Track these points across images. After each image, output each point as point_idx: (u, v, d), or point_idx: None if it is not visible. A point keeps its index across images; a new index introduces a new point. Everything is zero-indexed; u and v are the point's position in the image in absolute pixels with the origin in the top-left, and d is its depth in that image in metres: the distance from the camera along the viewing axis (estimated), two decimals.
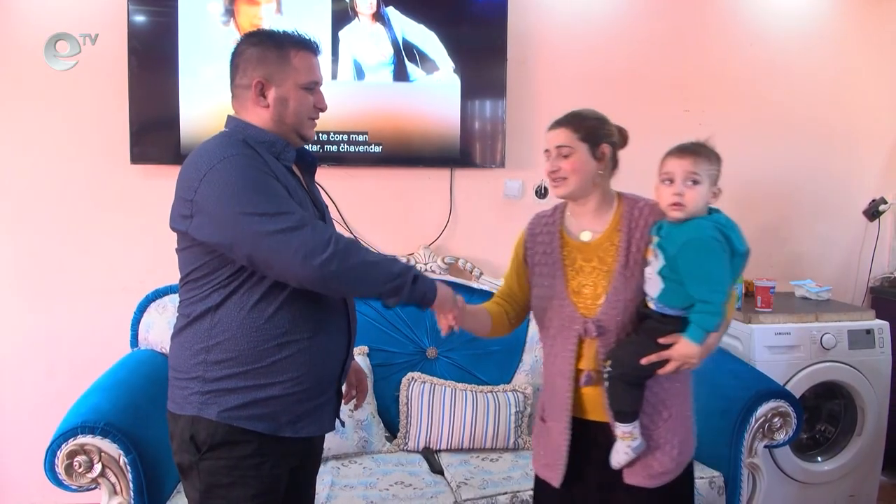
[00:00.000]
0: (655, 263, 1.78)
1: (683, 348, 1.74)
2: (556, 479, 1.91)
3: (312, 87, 1.80)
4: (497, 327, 2.02)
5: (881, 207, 3.70)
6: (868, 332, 3.14)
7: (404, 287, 1.68)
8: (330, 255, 1.58)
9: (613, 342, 1.83)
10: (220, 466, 1.67)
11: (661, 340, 1.77)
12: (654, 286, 1.78)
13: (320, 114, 1.85)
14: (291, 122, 1.78)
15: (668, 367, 1.78)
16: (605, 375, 1.81)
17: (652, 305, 1.80)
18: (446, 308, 1.81)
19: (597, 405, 1.87)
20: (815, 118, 3.68)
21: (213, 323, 1.68)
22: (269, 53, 1.75)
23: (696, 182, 1.76)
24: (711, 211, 1.83)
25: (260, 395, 1.67)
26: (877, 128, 3.77)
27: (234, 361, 1.67)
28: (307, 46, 1.80)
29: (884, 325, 3.17)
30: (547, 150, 1.90)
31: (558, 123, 1.91)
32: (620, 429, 1.82)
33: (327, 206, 1.94)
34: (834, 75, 3.68)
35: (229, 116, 1.81)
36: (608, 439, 1.86)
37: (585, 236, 1.91)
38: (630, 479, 1.86)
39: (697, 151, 1.79)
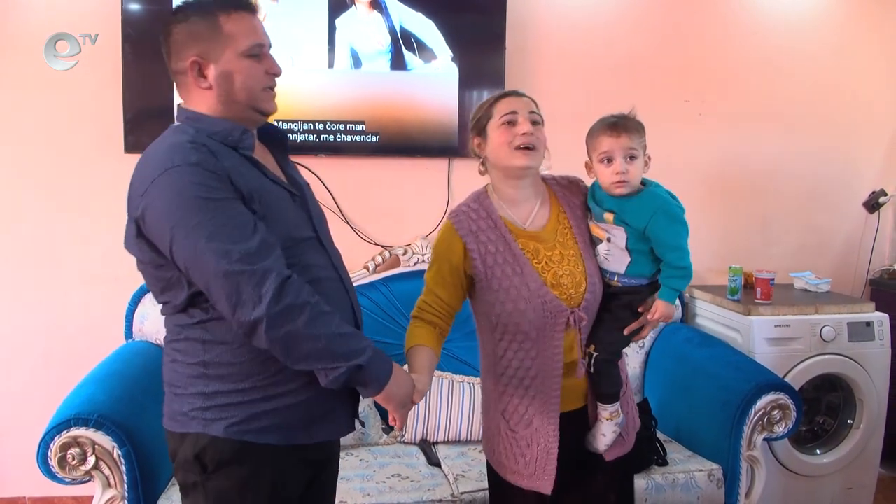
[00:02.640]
0: (618, 238, 1.82)
1: (667, 309, 1.83)
2: (548, 486, 1.82)
3: (257, 51, 1.56)
4: (437, 354, 1.83)
5: (881, 199, 3.69)
6: (868, 324, 3.12)
7: (340, 376, 1.47)
8: (258, 318, 1.39)
9: (589, 327, 1.85)
10: (229, 485, 1.52)
11: (643, 309, 1.85)
12: (619, 262, 1.84)
13: (276, 80, 1.62)
14: (243, 98, 1.56)
15: (645, 332, 1.89)
16: (591, 360, 1.83)
17: (617, 281, 1.85)
18: (392, 405, 1.59)
19: (571, 394, 1.86)
20: (816, 109, 3.65)
21: (206, 336, 1.51)
22: (196, 26, 1.53)
23: (633, 157, 1.81)
24: (644, 182, 1.87)
25: (268, 405, 1.52)
26: (877, 119, 3.74)
27: (236, 375, 1.51)
28: (238, 5, 1.56)
29: (883, 317, 3.16)
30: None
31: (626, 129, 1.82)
32: (608, 410, 1.85)
33: (307, 184, 1.75)
34: (834, 66, 3.65)
35: (178, 107, 1.62)
36: (582, 426, 1.89)
37: (539, 223, 1.85)
38: (610, 455, 1.89)
39: (629, 127, 1.82)
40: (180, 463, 1.56)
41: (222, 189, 1.44)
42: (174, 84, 1.61)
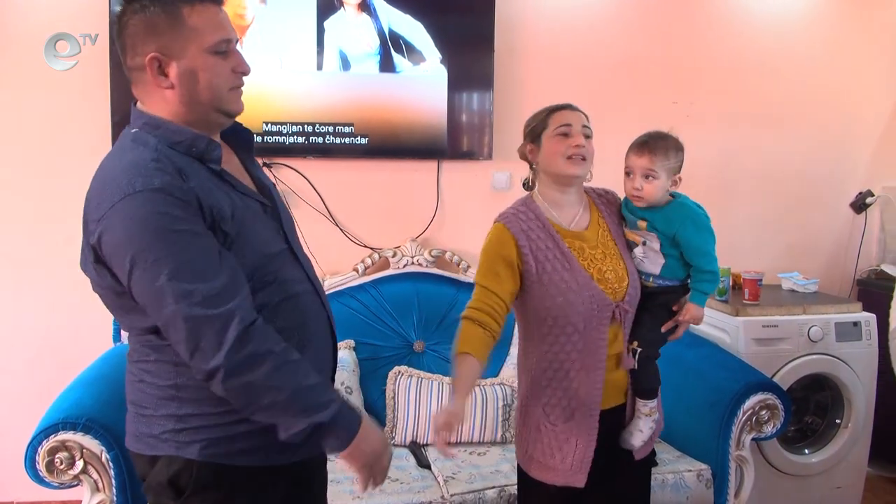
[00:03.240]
0: (652, 243, 1.95)
1: (697, 311, 1.97)
2: (583, 480, 1.89)
3: (224, 47, 1.43)
4: (484, 365, 1.85)
5: (868, 200, 3.71)
6: (855, 324, 3.14)
7: (299, 433, 1.37)
8: (216, 367, 1.31)
9: (632, 320, 1.95)
10: None
11: (677, 308, 1.98)
12: (654, 264, 1.96)
13: (244, 79, 1.49)
14: (208, 98, 1.42)
15: (680, 331, 1.99)
16: (635, 355, 1.94)
17: (652, 282, 1.98)
18: (357, 465, 1.46)
19: (612, 389, 1.94)
20: (803, 111, 3.68)
21: (179, 358, 1.37)
22: (157, 18, 1.37)
23: (651, 177, 1.93)
24: (674, 195, 2.00)
25: (244, 427, 1.42)
26: (863, 121, 3.77)
27: (212, 398, 1.40)
28: None
29: (871, 317, 3.18)
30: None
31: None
32: (648, 406, 1.96)
33: (274, 185, 1.65)
34: (821, 69, 3.67)
35: (134, 108, 1.46)
36: (617, 425, 1.97)
37: (582, 225, 1.97)
38: (639, 454, 1.99)
39: (655, 148, 1.94)
40: (152, 486, 1.47)
41: (187, 219, 1.32)
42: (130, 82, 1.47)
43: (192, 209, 1.33)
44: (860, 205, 3.72)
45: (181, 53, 1.39)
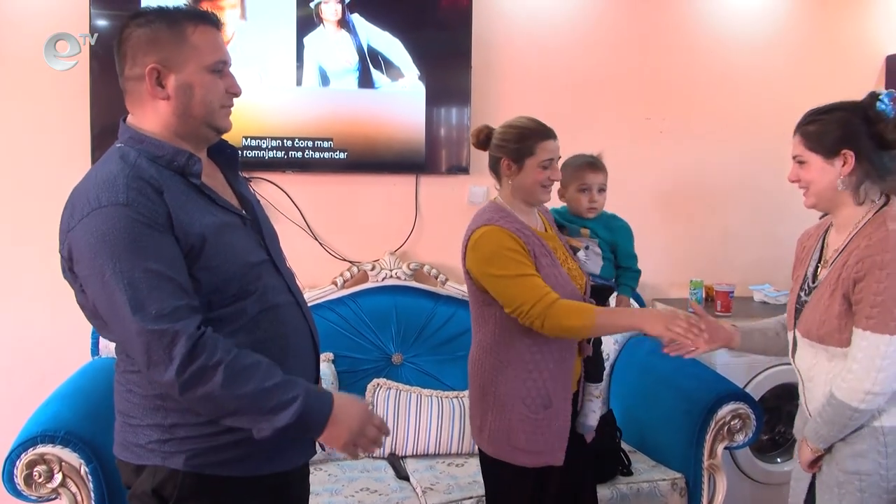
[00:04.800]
0: (594, 248, 2.28)
1: (628, 302, 2.39)
2: (562, 457, 2.07)
3: (220, 67, 1.50)
4: None
5: None
6: None
7: (274, 433, 1.39)
8: (170, 381, 1.33)
9: None
10: None
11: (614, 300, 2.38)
12: (595, 265, 2.27)
13: (234, 100, 1.55)
14: (200, 113, 1.48)
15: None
16: (590, 342, 2.19)
17: (593, 281, 2.25)
18: (339, 445, 1.48)
19: (573, 377, 2.14)
20: (773, 125, 3.73)
21: None
22: (161, 33, 1.45)
23: (602, 190, 2.29)
24: None
25: (229, 437, 1.45)
26: None
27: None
28: (206, 19, 1.50)
29: None
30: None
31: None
32: (598, 388, 2.26)
33: (258, 200, 1.70)
34: (791, 83, 3.75)
35: (122, 123, 1.52)
36: (573, 412, 2.15)
37: (542, 230, 2.16)
38: (589, 437, 2.25)
39: (602, 166, 2.30)
40: (137, 495, 1.49)
41: (150, 235, 1.35)
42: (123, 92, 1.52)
43: (156, 225, 1.37)
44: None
45: (180, 67, 1.45)
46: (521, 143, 2.06)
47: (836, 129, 1.76)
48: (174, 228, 1.39)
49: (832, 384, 1.75)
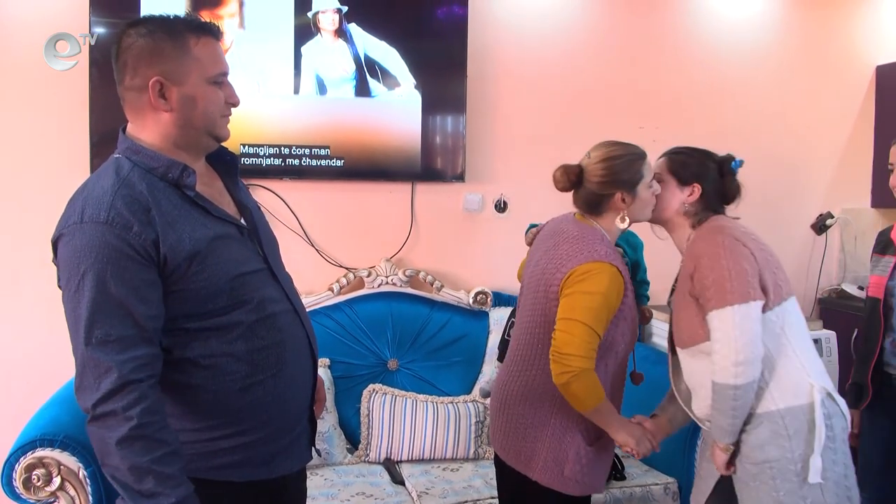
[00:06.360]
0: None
1: (648, 313, 2.29)
2: (604, 486, 2.10)
3: (221, 79, 1.51)
4: None
5: (828, 222, 3.83)
6: (816, 341, 3.21)
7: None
8: (86, 409, 1.34)
9: None
10: None
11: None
12: None
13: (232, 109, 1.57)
14: (202, 124, 1.49)
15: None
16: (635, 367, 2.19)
17: None
18: None
19: None
20: (764, 135, 3.80)
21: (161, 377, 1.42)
22: (163, 44, 1.44)
23: None
24: None
25: (226, 443, 1.48)
26: (823, 144, 3.91)
27: (192, 416, 1.47)
28: (207, 31, 1.49)
29: (831, 334, 3.28)
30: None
31: None
32: None
33: (258, 207, 1.72)
34: (782, 94, 3.81)
35: (121, 133, 1.52)
36: None
37: None
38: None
39: None
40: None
41: (120, 259, 1.34)
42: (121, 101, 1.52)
43: (131, 248, 1.35)
44: (820, 226, 3.84)
45: (183, 80, 1.46)
46: (632, 172, 1.96)
47: (695, 166, 2.03)
48: (160, 246, 1.38)
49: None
